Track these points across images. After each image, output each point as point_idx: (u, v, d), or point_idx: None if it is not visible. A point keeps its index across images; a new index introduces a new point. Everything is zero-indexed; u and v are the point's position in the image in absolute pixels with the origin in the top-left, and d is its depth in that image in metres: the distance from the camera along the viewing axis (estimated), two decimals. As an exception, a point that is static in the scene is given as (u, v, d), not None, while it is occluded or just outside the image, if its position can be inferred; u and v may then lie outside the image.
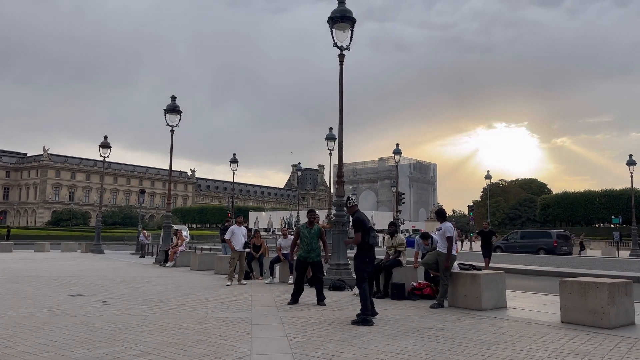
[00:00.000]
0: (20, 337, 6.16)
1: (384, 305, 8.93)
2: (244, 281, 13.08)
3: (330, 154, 28.11)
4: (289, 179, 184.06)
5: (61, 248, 32.47)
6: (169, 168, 22.41)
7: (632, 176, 33.99)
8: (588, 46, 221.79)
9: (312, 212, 10.41)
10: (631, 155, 34.48)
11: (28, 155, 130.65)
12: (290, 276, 12.33)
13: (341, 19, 12.26)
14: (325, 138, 27.28)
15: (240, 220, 13.87)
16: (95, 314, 8.00)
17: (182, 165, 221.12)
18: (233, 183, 46.14)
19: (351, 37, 12.41)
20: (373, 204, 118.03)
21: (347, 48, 12.41)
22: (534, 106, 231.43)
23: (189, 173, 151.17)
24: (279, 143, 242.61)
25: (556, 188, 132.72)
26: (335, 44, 12.36)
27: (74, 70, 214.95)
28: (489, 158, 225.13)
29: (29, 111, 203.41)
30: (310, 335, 6.44)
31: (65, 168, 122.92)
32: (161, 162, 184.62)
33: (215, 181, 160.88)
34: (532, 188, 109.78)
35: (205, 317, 7.73)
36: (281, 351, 5.56)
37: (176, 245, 19.60)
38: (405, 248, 10.96)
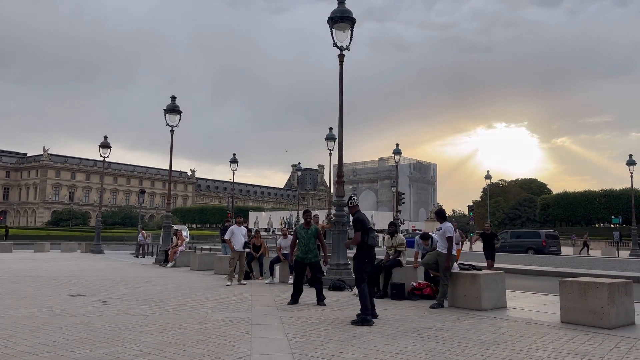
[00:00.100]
0: (20, 337, 6.16)
1: (384, 305, 8.92)
2: (244, 281, 13.07)
3: (330, 154, 28.08)
4: (289, 179, 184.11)
5: (61, 248, 32.44)
6: (169, 168, 22.42)
7: (632, 176, 34.08)
8: (588, 46, 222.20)
9: (308, 213, 10.38)
10: (631, 155, 34.53)
11: (28, 155, 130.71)
12: (290, 276, 12.32)
13: (341, 19, 12.26)
14: (325, 138, 27.25)
15: (240, 220, 13.87)
16: (95, 314, 8.00)
17: (182, 165, 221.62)
18: (233, 183, 46.09)
19: (351, 37, 12.41)
20: (373, 204, 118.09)
21: (347, 48, 12.41)
22: (534, 106, 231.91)
23: (189, 173, 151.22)
24: (279, 143, 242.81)
25: (556, 188, 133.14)
26: (335, 44, 12.36)
27: (74, 70, 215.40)
28: (489, 158, 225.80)
29: (29, 111, 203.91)
30: (310, 335, 6.43)
31: (65, 168, 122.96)
32: (161, 162, 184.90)
33: (215, 181, 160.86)
34: (532, 188, 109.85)
35: (205, 317, 7.73)
36: (281, 351, 5.56)
37: (176, 245, 19.60)
38: (405, 248, 10.97)
